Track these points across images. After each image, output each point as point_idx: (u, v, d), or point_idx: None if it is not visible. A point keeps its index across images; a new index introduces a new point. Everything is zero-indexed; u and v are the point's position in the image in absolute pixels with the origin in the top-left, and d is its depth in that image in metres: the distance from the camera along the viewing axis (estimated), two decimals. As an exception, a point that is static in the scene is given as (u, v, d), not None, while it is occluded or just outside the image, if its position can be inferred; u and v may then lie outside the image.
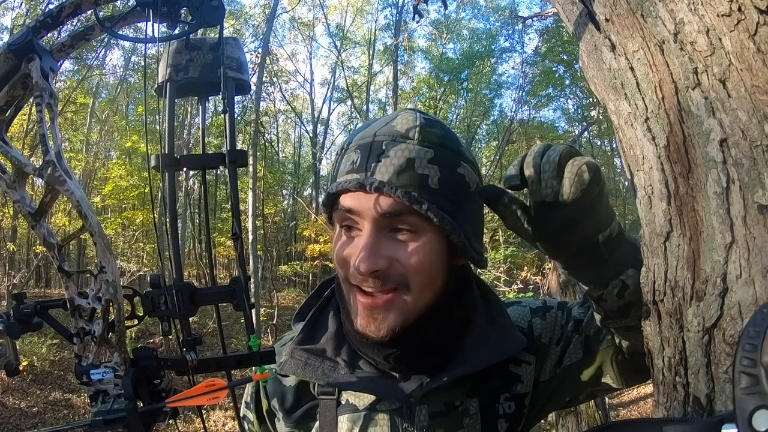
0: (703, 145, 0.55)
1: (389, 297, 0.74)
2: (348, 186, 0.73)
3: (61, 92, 13.01)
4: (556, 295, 5.15)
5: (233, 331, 10.72)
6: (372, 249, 0.72)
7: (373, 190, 0.71)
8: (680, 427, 0.48)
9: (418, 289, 0.75)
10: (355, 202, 0.73)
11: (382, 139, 0.73)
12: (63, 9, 0.62)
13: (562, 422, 4.83)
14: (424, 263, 0.74)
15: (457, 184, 0.74)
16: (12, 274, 10.24)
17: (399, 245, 0.74)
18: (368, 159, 0.72)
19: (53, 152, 0.59)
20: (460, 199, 0.74)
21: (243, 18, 18.10)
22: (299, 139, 24.21)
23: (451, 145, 0.76)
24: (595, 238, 0.67)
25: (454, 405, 0.82)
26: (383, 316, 0.75)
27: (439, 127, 0.76)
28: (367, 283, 0.74)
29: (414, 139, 0.73)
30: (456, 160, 0.75)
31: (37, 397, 7.77)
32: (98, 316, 0.64)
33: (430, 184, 0.71)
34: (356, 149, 0.75)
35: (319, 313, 0.90)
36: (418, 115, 0.76)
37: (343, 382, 0.81)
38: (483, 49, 17.95)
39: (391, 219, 0.72)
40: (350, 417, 0.82)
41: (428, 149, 0.73)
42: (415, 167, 0.71)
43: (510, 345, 0.83)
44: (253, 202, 11.04)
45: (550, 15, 11.19)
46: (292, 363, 0.82)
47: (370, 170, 0.72)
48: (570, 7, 0.77)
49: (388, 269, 0.73)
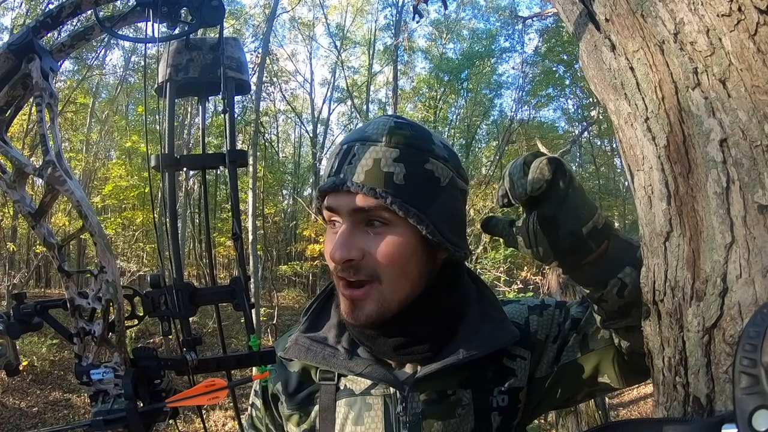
0: (703, 145, 0.55)
1: (364, 290, 0.80)
2: (325, 188, 0.81)
3: (61, 92, 13.01)
4: (556, 295, 5.15)
5: (233, 331, 10.73)
6: (345, 240, 0.79)
7: (343, 189, 0.78)
8: (680, 427, 0.48)
9: (390, 281, 0.80)
10: (333, 201, 0.81)
11: (353, 144, 0.80)
12: (63, 9, 0.62)
13: (562, 422, 4.83)
14: (394, 255, 0.79)
15: (425, 179, 0.78)
16: (12, 274, 10.24)
17: (372, 238, 0.79)
18: (341, 162, 0.80)
19: (53, 152, 0.59)
20: (428, 194, 0.79)
21: (243, 18, 18.10)
22: (299, 139, 24.25)
23: (420, 144, 0.80)
24: (579, 232, 0.70)
25: (446, 394, 0.84)
26: (360, 305, 0.81)
27: (408, 129, 0.81)
28: (344, 272, 0.80)
29: (382, 141, 0.78)
30: (423, 157, 0.79)
31: (37, 397, 7.77)
32: (98, 316, 0.64)
33: (395, 180, 0.76)
34: (335, 155, 0.82)
35: (323, 304, 0.96)
36: (391, 119, 0.82)
37: (341, 367, 0.86)
38: (483, 49, 17.95)
39: (364, 214, 0.78)
40: (347, 401, 0.86)
41: (394, 149, 0.78)
42: (381, 166, 0.77)
43: (502, 338, 0.85)
44: (253, 202, 11.03)
45: (550, 15, 11.19)
46: (296, 348, 0.89)
47: (342, 172, 0.79)
48: (570, 7, 0.77)
49: (360, 260, 0.79)
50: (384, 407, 0.84)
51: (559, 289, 5.22)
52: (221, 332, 0.92)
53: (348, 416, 0.85)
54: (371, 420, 0.84)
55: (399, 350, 0.85)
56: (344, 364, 0.86)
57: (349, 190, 0.77)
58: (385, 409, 0.84)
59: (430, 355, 0.84)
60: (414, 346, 0.84)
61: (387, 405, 0.84)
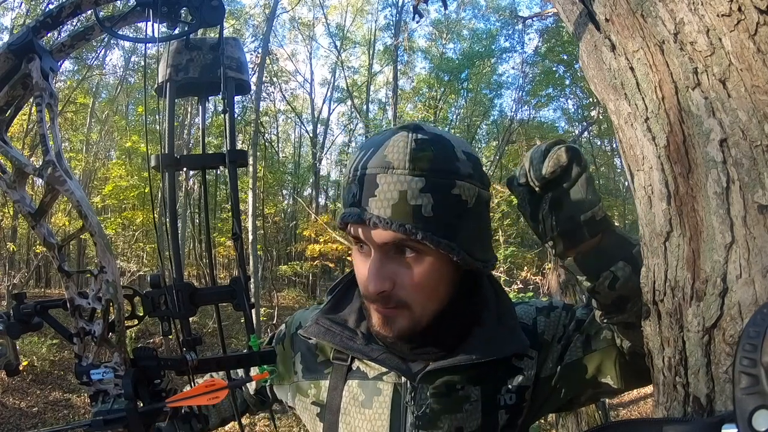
0: (703, 145, 0.55)
1: (393, 311, 0.82)
2: (350, 219, 0.79)
3: (61, 92, 13.01)
4: (556, 295, 5.15)
5: (233, 331, 10.72)
6: (378, 273, 0.79)
7: (371, 225, 0.76)
8: (680, 427, 0.48)
9: (419, 306, 0.81)
10: (360, 233, 0.80)
11: (375, 172, 0.76)
12: (63, 9, 0.62)
13: (562, 422, 4.83)
14: (423, 284, 0.80)
15: (453, 207, 0.77)
16: (12, 274, 10.23)
17: (403, 267, 0.80)
18: (364, 193, 0.77)
19: (53, 152, 0.59)
20: (457, 221, 0.78)
21: (243, 18, 18.08)
22: (299, 139, 24.19)
23: (444, 166, 0.76)
24: (577, 218, 0.73)
25: (455, 388, 0.86)
26: (392, 320, 0.83)
27: (431, 149, 0.76)
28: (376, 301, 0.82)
29: (405, 168, 0.75)
30: (449, 181, 0.76)
31: (37, 397, 7.77)
32: (98, 316, 0.64)
33: (423, 213, 0.75)
34: (356, 182, 0.79)
35: (346, 288, 0.98)
36: (410, 138, 0.77)
37: (357, 352, 0.89)
38: (483, 49, 17.92)
39: (393, 245, 0.78)
40: (359, 383, 0.89)
41: (419, 178, 0.75)
42: (408, 199, 0.74)
43: (514, 345, 0.87)
44: (253, 202, 11.03)
45: (550, 15, 11.19)
46: (316, 328, 0.91)
47: (366, 204, 0.77)
48: (570, 7, 0.77)
49: (391, 290, 0.79)
50: (393, 394, 0.86)
51: (559, 289, 5.22)
52: (221, 332, 0.92)
53: (357, 398, 0.88)
54: (379, 405, 0.86)
55: (416, 351, 0.87)
56: (360, 349, 0.88)
57: (377, 226, 0.76)
58: (394, 397, 0.86)
59: (444, 354, 0.86)
60: (430, 347, 0.87)
61: (396, 393, 0.86)
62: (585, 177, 0.73)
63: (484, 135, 21.53)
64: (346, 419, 0.88)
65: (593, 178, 0.76)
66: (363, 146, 0.83)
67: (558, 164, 0.71)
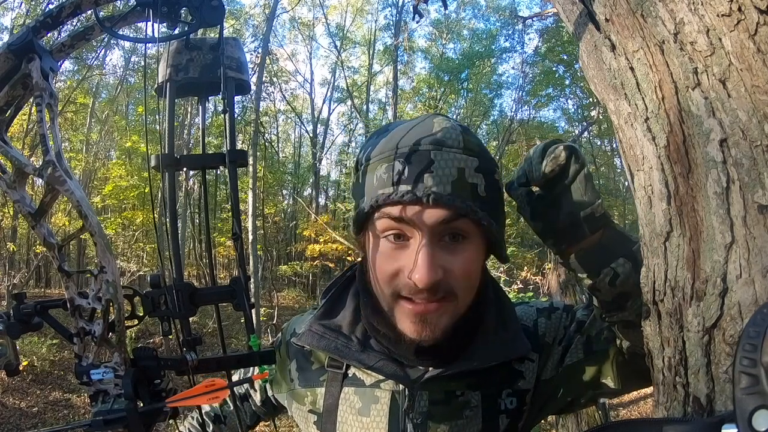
0: (703, 145, 0.55)
1: (439, 304, 0.76)
2: (400, 198, 0.72)
3: (61, 92, 13.00)
4: (556, 295, 5.15)
5: (233, 331, 10.72)
6: (430, 262, 0.72)
7: (432, 202, 0.71)
8: (680, 427, 0.48)
9: (464, 296, 0.78)
10: (410, 213, 0.72)
11: (427, 148, 0.73)
12: (63, 9, 0.62)
13: (562, 422, 4.83)
14: (471, 271, 0.77)
15: (498, 191, 0.78)
16: (12, 274, 10.23)
17: (451, 254, 0.75)
18: (414, 169, 0.72)
19: (53, 152, 0.60)
20: (500, 206, 0.79)
21: (243, 18, 18.09)
22: (299, 139, 24.21)
23: (487, 152, 0.78)
24: (577, 215, 0.74)
25: (455, 395, 0.84)
26: (437, 320, 0.76)
27: (473, 135, 0.78)
28: (421, 294, 0.75)
29: (459, 147, 0.73)
30: (493, 166, 0.78)
31: (37, 397, 7.77)
32: (98, 316, 0.64)
33: (479, 192, 0.74)
34: (399, 159, 0.73)
35: (340, 292, 0.94)
36: (450, 121, 0.77)
37: (353, 360, 0.85)
38: (483, 49, 17.91)
39: (445, 225, 0.73)
40: (355, 390, 0.87)
41: (473, 158, 0.74)
42: (466, 176, 0.73)
43: (515, 349, 0.85)
44: (253, 202, 11.03)
45: (550, 15, 11.19)
46: (309, 335, 0.87)
47: (422, 181, 0.71)
48: (570, 7, 0.77)
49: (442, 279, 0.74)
50: (391, 402, 0.84)
51: (559, 289, 5.22)
52: (221, 332, 0.92)
53: (354, 406, 0.85)
54: (377, 413, 0.84)
55: (419, 355, 0.82)
56: (356, 357, 0.84)
57: (438, 202, 0.71)
58: (392, 404, 0.84)
59: (445, 359, 0.83)
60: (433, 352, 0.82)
61: (394, 400, 0.84)
62: (584, 174, 0.74)
63: (484, 135, 21.50)
64: (343, 428, 0.86)
65: (592, 174, 0.76)
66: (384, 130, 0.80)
67: (557, 163, 0.72)
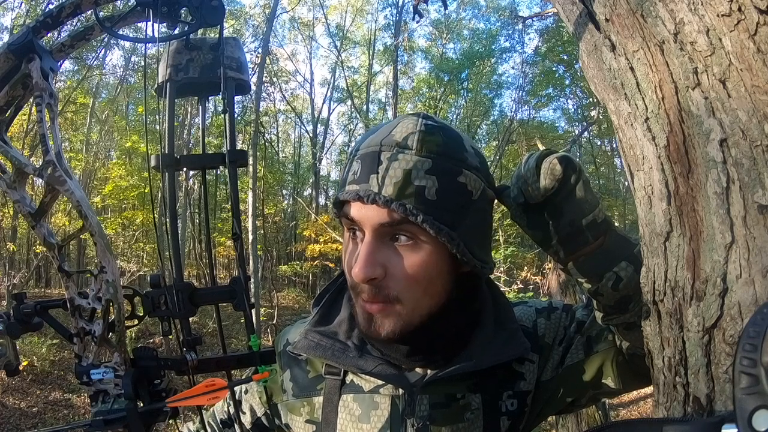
0: (703, 145, 0.55)
1: (382, 306, 0.75)
2: (347, 197, 0.74)
3: (61, 92, 13.00)
4: (556, 296, 5.15)
5: (233, 331, 10.72)
6: (369, 258, 0.72)
7: (369, 202, 0.71)
8: (680, 427, 0.48)
9: (411, 302, 0.75)
10: (356, 212, 0.74)
11: (379, 149, 0.73)
12: (63, 9, 0.62)
13: (562, 422, 4.83)
14: (418, 275, 0.74)
15: (458, 194, 0.73)
16: (12, 274, 10.23)
17: (396, 255, 0.74)
18: (365, 170, 0.73)
19: (53, 152, 0.60)
20: (461, 211, 0.73)
21: (243, 18, 18.08)
22: (299, 139, 24.20)
23: (453, 153, 0.73)
24: (579, 223, 0.72)
25: (455, 398, 0.83)
26: (381, 321, 0.76)
27: (440, 134, 0.74)
28: (363, 289, 0.75)
29: (412, 148, 0.72)
30: (457, 168, 0.73)
31: (37, 397, 7.77)
32: (98, 316, 0.64)
33: (426, 195, 0.71)
34: (358, 159, 0.75)
35: (334, 298, 0.92)
36: (420, 121, 0.74)
37: (350, 366, 0.83)
38: (483, 49, 17.90)
39: (390, 228, 0.73)
40: (354, 397, 0.85)
41: (426, 159, 0.71)
42: (412, 179, 0.70)
43: (514, 350, 0.83)
44: (253, 202, 11.04)
45: (550, 15, 11.19)
46: (305, 343, 0.85)
47: (366, 181, 0.72)
48: (570, 7, 0.77)
49: (382, 279, 0.73)
50: (391, 407, 0.83)
51: (559, 290, 5.22)
52: (221, 332, 0.92)
53: (353, 413, 0.84)
54: (377, 419, 0.82)
55: (412, 357, 0.82)
56: (354, 362, 0.82)
57: (376, 203, 0.71)
58: (393, 410, 0.82)
59: (443, 361, 0.82)
60: (427, 353, 0.83)
61: (394, 405, 0.83)
62: (582, 181, 0.72)
63: (484, 135, 21.51)
64: None
65: (589, 180, 0.75)
66: (371, 130, 0.80)
67: (555, 178, 0.69)
